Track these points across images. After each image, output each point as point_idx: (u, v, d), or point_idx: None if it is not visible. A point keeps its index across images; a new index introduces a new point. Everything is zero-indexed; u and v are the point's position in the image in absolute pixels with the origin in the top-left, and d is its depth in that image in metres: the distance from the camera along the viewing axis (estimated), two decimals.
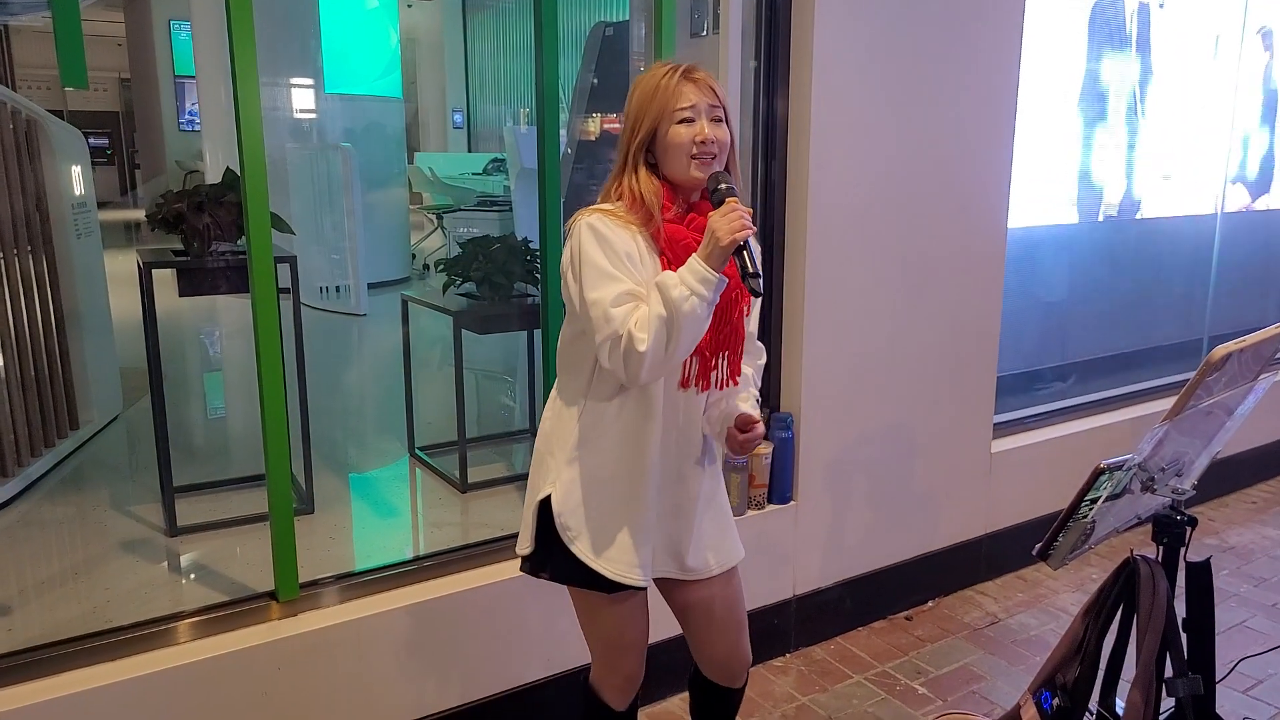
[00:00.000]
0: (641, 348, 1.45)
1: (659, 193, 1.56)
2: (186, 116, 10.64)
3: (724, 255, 1.46)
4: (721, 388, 1.66)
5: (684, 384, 1.61)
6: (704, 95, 1.56)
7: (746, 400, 1.69)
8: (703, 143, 1.54)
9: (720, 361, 1.63)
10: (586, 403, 1.61)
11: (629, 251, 1.52)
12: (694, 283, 1.45)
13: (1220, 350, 1.29)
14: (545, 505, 1.63)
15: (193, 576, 2.48)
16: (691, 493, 1.69)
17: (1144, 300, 4.14)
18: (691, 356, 1.59)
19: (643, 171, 1.57)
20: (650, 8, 2.46)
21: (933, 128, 2.87)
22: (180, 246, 2.75)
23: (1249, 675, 2.68)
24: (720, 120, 1.57)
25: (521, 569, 1.72)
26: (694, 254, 1.48)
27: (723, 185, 1.53)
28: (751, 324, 1.72)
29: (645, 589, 1.68)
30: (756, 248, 1.51)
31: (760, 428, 1.62)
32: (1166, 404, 4.04)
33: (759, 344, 1.77)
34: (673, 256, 1.56)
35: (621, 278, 1.50)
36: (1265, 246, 4.65)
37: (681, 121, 1.54)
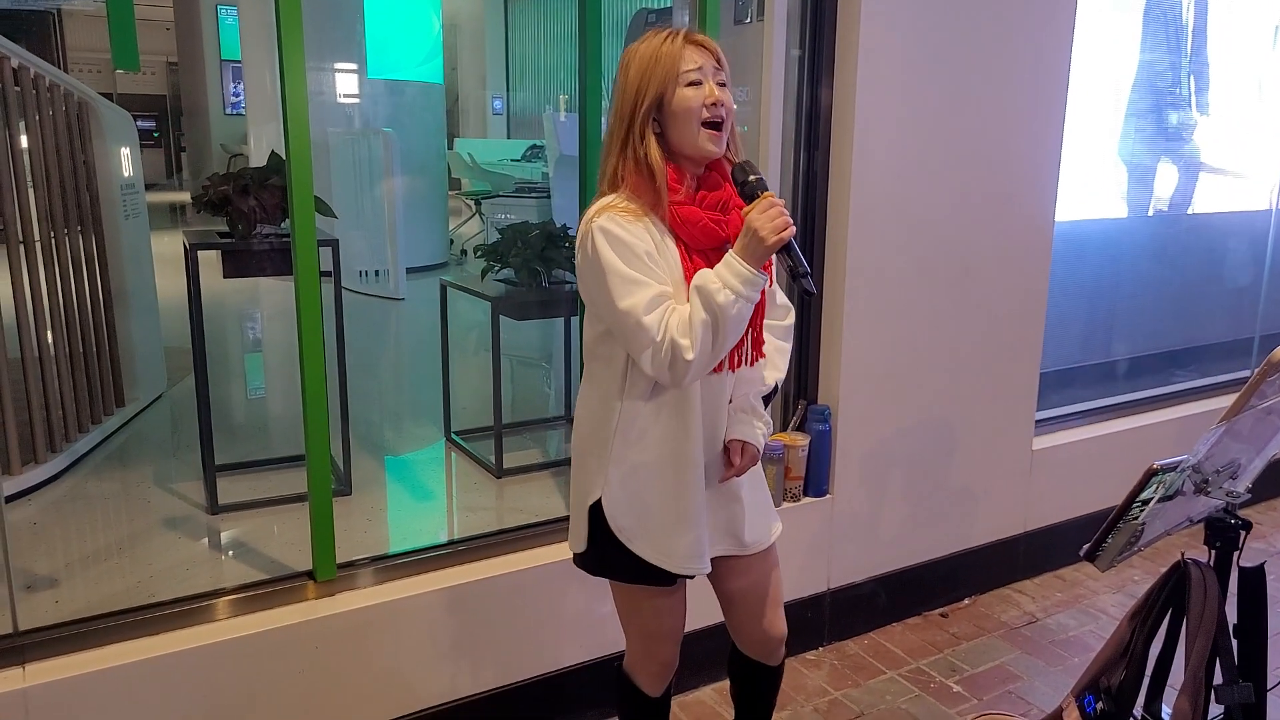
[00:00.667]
0: (689, 356, 1.42)
1: (665, 172, 1.49)
2: (231, 100, 10.77)
3: (766, 255, 1.43)
4: (752, 364, 1.63)
5: (714, 369, 1.58)
6: (708, 58, 1.51)
7: (751, 421, 1.66)
8: (713, 104, 1.49)
9: (745, 337, 1.59)
10: (623, 402, 1.57)
11: (647, 250, 1.47)
12: (737, 285, 1.42)
13: None
14: (596, 508, 1.61)
15: (233, 554, 2.52)
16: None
17: (1194, 297, 4.05)
18: None
19: (652, 143, 1.50)
20: None
21: (979, 118, 2.82)
22: (225, 229, 2.78)
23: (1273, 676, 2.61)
24: (724, 85, 1.52)
25: (577, 565, 1.71)
26: (731, 251, 1.44)
27: (753, 177, 1.49)
28: (775, 291, 1.70)
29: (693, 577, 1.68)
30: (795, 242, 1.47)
31: (748, 457, 1.63)
32: (1214, 404, 3.97)
33: (784, 302, 1.73)
34: (689, 239, 1.52)
35: (646, 280, 1.45)
36: None
37: (689, 85, 1.48)
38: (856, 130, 2.58)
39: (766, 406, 1.72)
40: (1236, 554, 1.45)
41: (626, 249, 1.45)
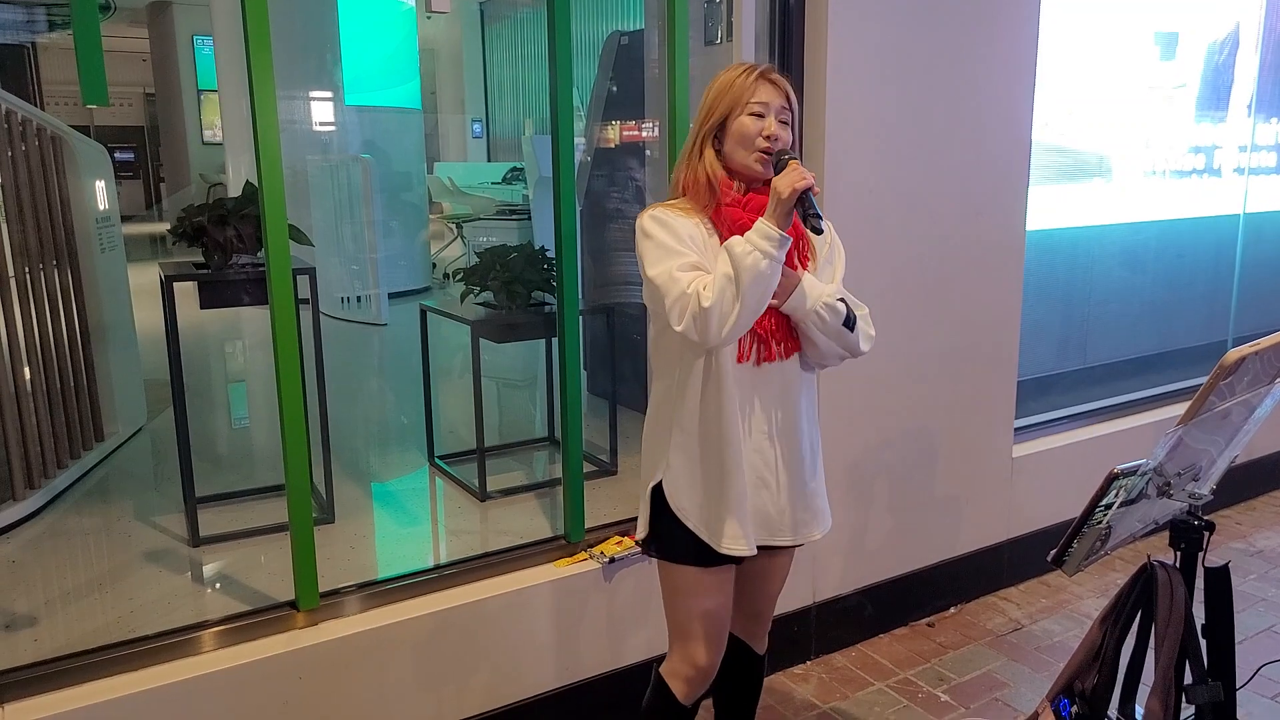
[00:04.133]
0: (706, 303, 1.53)
1: (720, 177, 1.66)
2: (210, 131, 10.77)
3: (787, 210, 1.55)
4: (786, 356, 1.71)
5: (740, 358, 1.67)
6: (777, 97, 1.67)
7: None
8: (769, 138, 1.63)
9: (775, 331, 1.68)
10: (676, 392, 1.71)
11: (691, 235, 1.63)
12: (758, 239, 1.54)
13: (1234, 354, 1.28)
14: (658, 491, 1.74)
15: (215, 586, 2.51)
16: (771, 464, 1.73)
17: (1167, 302, 4.09)
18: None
19: (709, 153, 1.68)
20: (664, 16, 2.47)
21: (948, 131, 2.86)
22: (202, 259, 2.79)
23: (1274, 680, 2.64)
24: (788, 124, 1.67)
25: (643, 550, 1.84)
26: (761, 217, 1.57)
27: (786, 155, 1.62)
28: (834, 277, 1.76)
29: (739, 563, 1.76)
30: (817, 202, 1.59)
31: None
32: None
33: (853, 299, 1.76)
34: (728, 235, 1.64)
35: (686, 252, 1.61)
36: None
37: (752, 114, 1.64)
38: (828, 145, 2.62)
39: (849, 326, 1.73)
40: (1201, 555, 1.47)
41: (670, 230, 1.63)
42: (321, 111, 6.67)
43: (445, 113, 12.33)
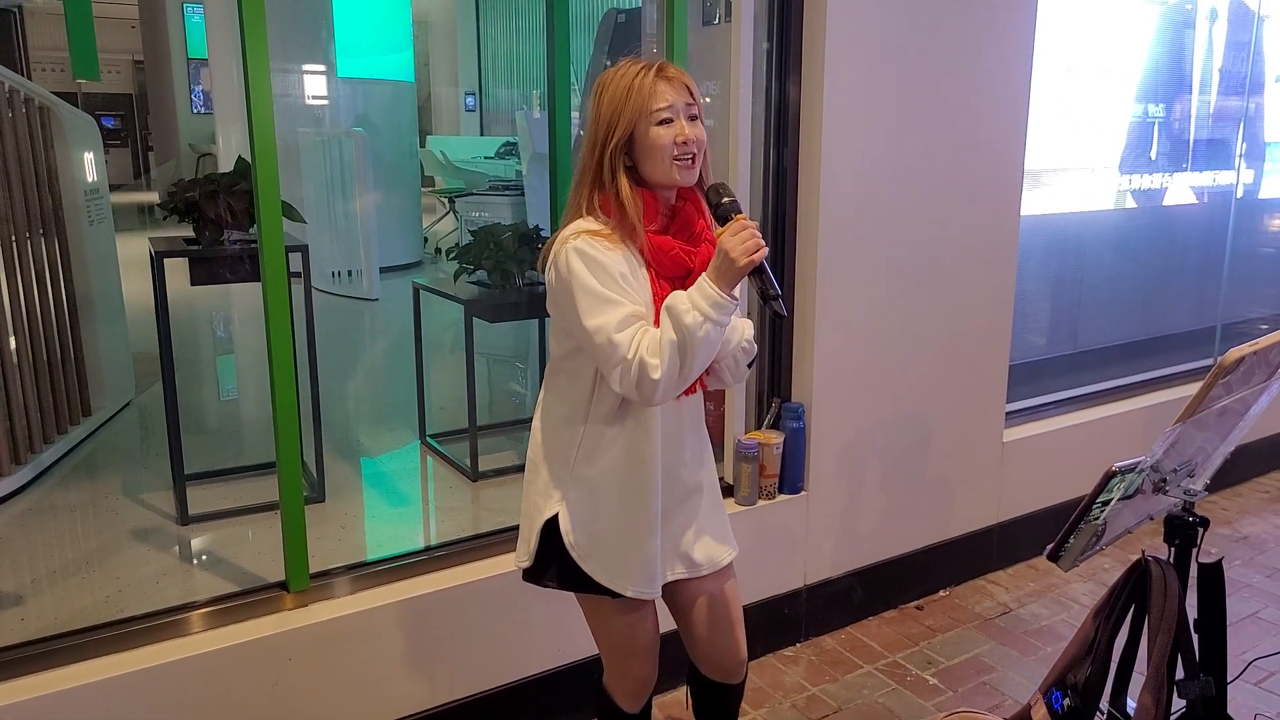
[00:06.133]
0: (655, 375, 1.43)
1: (640, 208, 1.51)
2: (199, 99, 10.64)
3: (739, 278, 1.44)
4: (705, 388, 1.66)
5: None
6: (680, 94, 1.52)
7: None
8: (684, 143, 1.50)
9: None
10: (588, 421, 1.58)
11: (622, 272, 1.49)
12: (707, 308, 1.42)
13: (1233, 353, 1.27)
14: (550, 524, 1.62)
15: (204, 566, 2.50)
16: (690, 490, 1.69)
17: (1157, 288, 4.10)
18: None
19: (623, 180, 1.51)
20: None
21: (946, 115, 2.84)
22: (193, 235, 2.75)
23: (1263, 668, 2.66)
24: (696, 118, 1.53)
25: (525, 579, 1.71)
26: (704, 275, 1.45)
27: (725, 199, 1.50)
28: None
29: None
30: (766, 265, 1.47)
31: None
32: (1178, 392, 4.01)
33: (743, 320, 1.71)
34: (659, 267, 1.53)
35: (620, 300, 1.47)
36: (1278, 234, 4.60)
37: (660, 123, 1.50)
38: (825, 127, 2.59)
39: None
40: (1195, 550, 1.48)
41: (601, 269, 1.47)
42: (313, 84, 6.59)
43: (438, 85, 12.21)
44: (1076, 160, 3.61)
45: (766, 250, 1.44)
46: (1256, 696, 2.59)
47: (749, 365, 1.67)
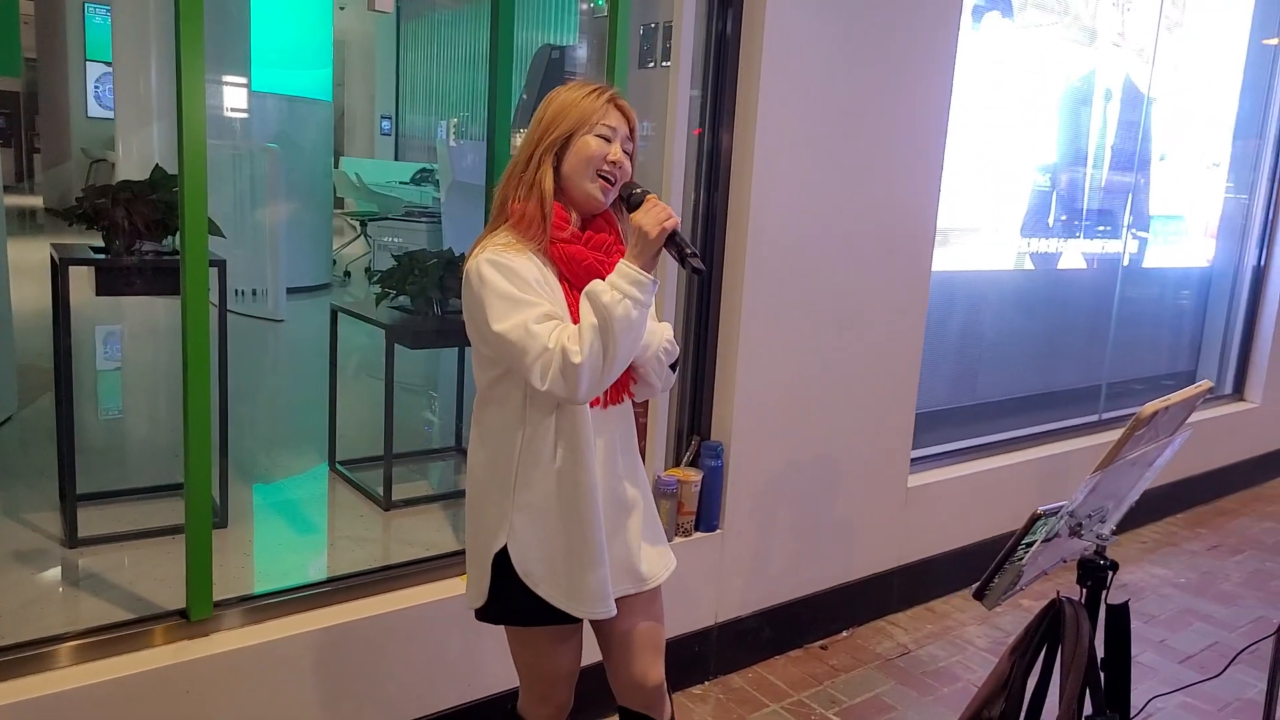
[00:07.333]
0: (576, 359, 1.41)
1: (552, 205, 1.51)
2: (99, 102, 10.20)
3: (654, 250, 1.46)
4: (632, 396, 1.66)
5: (595, 403, 1.58)
6: (624, 125, 1.56)
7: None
8: (613, 162, 1.53)
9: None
10: (521, 447, 1.57)
11: (535, 277, 1.49)
12: (625, 285, 1.43)
13: (1150, 407, 1.37)
14: (501, 556, 1.60)
15: (95, 592, 2.36)
16: (629, 504, 1.69)
17: (1051, 345, 4.33)
18: None
19: (546, 172, 1.52)
20: (599, 35, 2.48)
21: (867, 171, 2.96)
22: (96, 242, 2.63)
23: (1156, 706, 2.79)
24: (630, 154, 1.57)
25: (479, 619, 1.68)
26: (623, 259, 1.47)
27: (637, 189, 1.54)
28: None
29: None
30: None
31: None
32: (1066, 446, 4.20)
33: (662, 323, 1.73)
34: (573, 277, 1.54)
35: (537, 301, 1.47)
36: (1157, 300, 4.94)
37: (599, 136, 1.53)
38: (755, 173, 2.67)
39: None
40: (1105, 592, 1.56)
41: (515, 275, 1.47)
42: (228, 96, 6.41)
43: (353, 106, 12.03)
44: (981, 222, 3.80)
45: (678, 220, 1.47)
46: None
47: (672, 368, 1.67)
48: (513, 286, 1.46)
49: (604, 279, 1.47)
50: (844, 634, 3.24)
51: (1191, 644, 3.32)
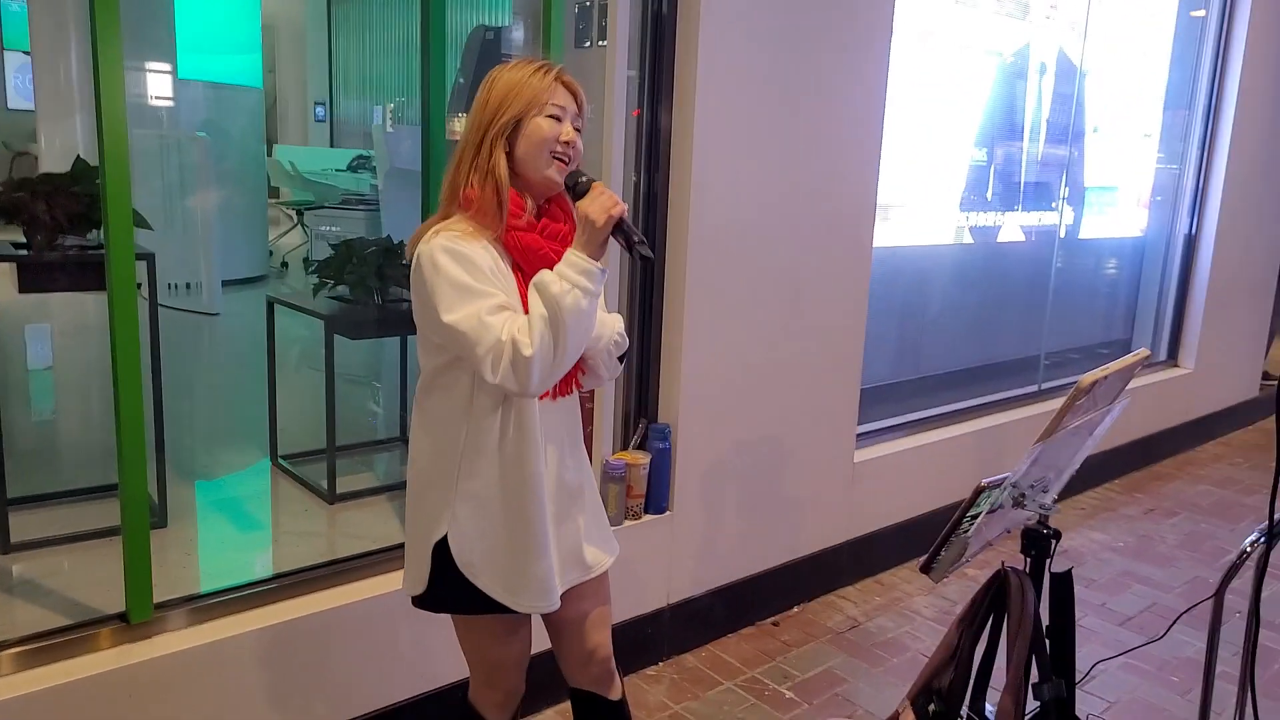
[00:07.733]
0: (527, 352, 1.39)
1: (508, 192, 1.49)
2: (18, 93, 9.81)
3: (602, 239, 1.45)
4: (580, 388, 1.65)
5: (544, 396, 1.56)
6: (573, 103, 1.54)
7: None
8: (566, 143, 1.51)
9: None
10: (467, 435, 1.55)
11: (489, 266, 1.46)
12: (574, 275, 1.42)
13: (1089, 377, 1.39)
14: (441, 545, 1.57)
15: (30, 597, 2.28)
16: (576, 492, 1.68)
17: (991, 318, 4.41)
18: None
19: (500, 158, 1.49)
20: (534, 15, 2.44)
21: (807, 150, 2.96)
22: (18, 238, 2.53)
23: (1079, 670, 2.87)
24: (580, 131, 1.55)
25: (416, 606, 1.65)
26: (570, 248, 1.45)
27: (583, 178, 1.52)
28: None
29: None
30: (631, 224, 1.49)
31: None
32: (1006, 417, 4.28)
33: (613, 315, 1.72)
34: (526, 265, 1.52)
35: (491, 291, 1.44)
36: (1092, 271, 5.05)
37: (549, 117, 1.50)
38: (695, 154, 2.66)
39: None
40: (1048, 561, 1.59)
41: (470, 263, 1.44)
42: (152, 84, 6.20)
43: (285, 93, 11.74)
44: (921, 197, 3.84)
45: (625, 207, 1.46)
46: (1082, 699, 2.79)
47: (621, 359, 1.66)
48: (467, 275, 1.43)
49: (552, 269, 1.45)
50: (795, 610, 3.28)
51: (1131, 606, 3.43)
